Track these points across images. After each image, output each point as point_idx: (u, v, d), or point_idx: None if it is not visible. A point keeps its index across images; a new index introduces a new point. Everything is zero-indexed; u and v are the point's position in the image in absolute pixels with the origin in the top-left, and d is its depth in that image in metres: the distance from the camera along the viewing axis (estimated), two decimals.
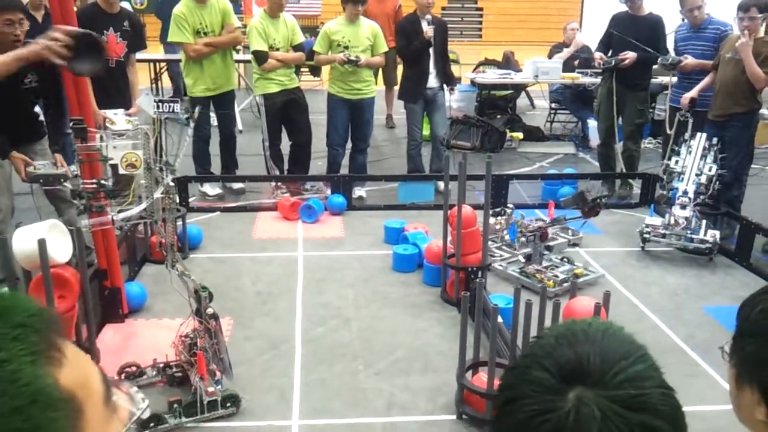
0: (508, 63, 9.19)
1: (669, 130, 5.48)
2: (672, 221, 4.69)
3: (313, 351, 3.53)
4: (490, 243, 4.64)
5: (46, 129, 4.00)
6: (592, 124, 7.19)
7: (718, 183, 4.84)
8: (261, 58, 5.65)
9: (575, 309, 3.03)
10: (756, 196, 5.70)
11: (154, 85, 9.43)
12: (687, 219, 4.65)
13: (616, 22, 5.93)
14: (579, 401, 0.69)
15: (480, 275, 3.82)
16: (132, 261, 4.35)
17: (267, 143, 5.91)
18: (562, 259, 4.59)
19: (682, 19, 5.55)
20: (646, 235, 4.78)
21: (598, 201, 4.55)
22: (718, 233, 4.67)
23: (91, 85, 3.77)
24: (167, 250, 2.97)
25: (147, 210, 2.94)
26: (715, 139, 4.88)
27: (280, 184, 5.94)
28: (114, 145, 2.95)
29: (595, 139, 6.94)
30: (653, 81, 6.73)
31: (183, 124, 3.10)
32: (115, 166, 2.95)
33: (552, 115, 8.97)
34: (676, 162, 4.93)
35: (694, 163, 4.83)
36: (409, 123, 6.18)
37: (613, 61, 5.72)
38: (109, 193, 3.00)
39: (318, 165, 6.38)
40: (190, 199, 5.66)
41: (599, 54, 5.93)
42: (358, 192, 5.96)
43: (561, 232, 5.04)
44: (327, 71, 6.04)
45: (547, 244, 4.57)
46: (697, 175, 4.79)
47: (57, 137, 4.00)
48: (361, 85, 5.85)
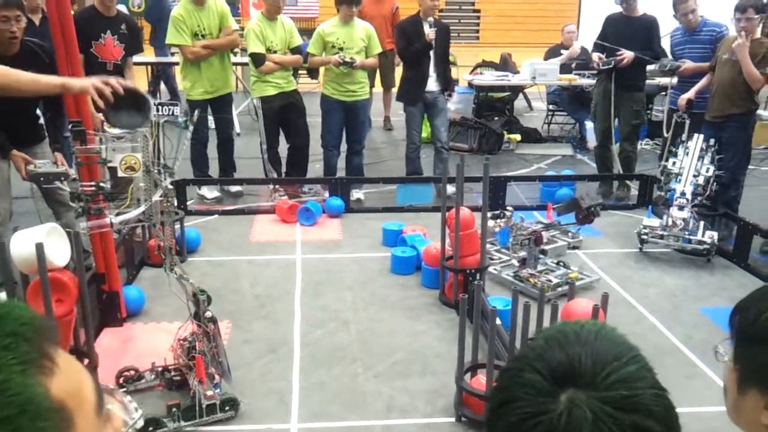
0: (506, 65, 9.21)
1: (666, 133, 5.48)
2: (670, 222, 4.69)
3: (311, 354, 3.53)
4: (490, 246, 4.64)
5: (46, 132, 3.99)
6: (590, 125, 7.20)
7: (715, 184, 4.85)
8: (258, 60, 5.65)
9: (573, 311, 3.03)
10: (753, 197, 5.71)
11: (152, 88, 9.43)
12: (685, 220, 4.65)
13: (611, 23, 5.94)
14: (571, 403, 0.69)
15: (478, 277, 3.82)
16: (130, 264, 4.35)
17: (265, 146, 5.92)
18: (558, 263, 4.53)
19: (678, 21, 5.55)
20: (644, 237, 4.79)
21: (593, 209, 4.55)
22: (715, 234, 4.67)
23: None
24: (165, 254, 2.96)
25: (145, 213, 2.94)
26: (712, 140, 4.89)
27: (278, 186, 5.95)
28: (113, 148, 2.94)
29: (592, 141, 6.94)
30: (651, 82, 6.74)
31: (182, 128, 3.10)
32: (113, 169, 2.95)
33: (549, 117, 8.98)
34: (674, 163, 4.94)
35: (692, 164, 4.84)
36: (408, 126, 6.17)
37: (612, 61, 5.73)
38: (107, 195, 2.99)
39: (316, 168, 6.38)
40: (188, 203, 5.67)
41: (597, 54, 5.93)
42: (356, 194, 5.96)
43: (561, 235, 4.97)
44: (322, 73, 6.03)
45: (541, 248, 4.52)
46: (694, 176, 4.80)
47: (57, 135, 3.98)
48: (355, 87, 5.85)
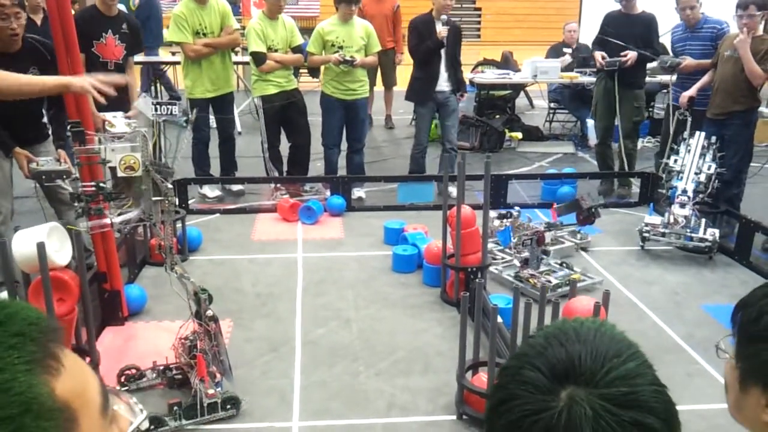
0: (507, 63, 9.20)
1: (671, 127, 5.45)
2: (671, 220, 4.68)
3: (313, 352, 3.53)
4: (493, 245, 4.63)
5: (49, 131, 3.98)
6: (591, 123, 7.19)
7: (717, 181, 4.84)
8: (259, 59, 5.65)
9: (575, 309, 3.02)
10: (755, 194, 5.70)
11: (152, 87, 9.43)
12: (686, 218, 4.65)
13: (610, 21, 5.92)
14: (571, 400, 0.69)
15: (480, 275, 3.82)
16: (131, 263, 4.35)
17: (266, 145, 5.92)
18: (561, 264, 4.49)
19: (679, 18, 5.53)
20: (646, 234, 4.78)
21: (593, 210, 4.54)
22: (717, 232, 4.66)
23: None
24: (167, 253, 2.96)
25: (146, 212, 2.94)
26: (714, 138, 4.88)
27: (279, 185, 5.95)
28: (112, 148, 2.94)
29: (593, 139, 6.93)
30: (652, 80, 6.72)
31: (181, 127, 3.10)
32: (113, 169, 2.95)
33: (551, 115, 8.97)
34: (675, 161, 4.93)
35: (693, 161, 4.83)
36: (417, 126, 6.16)
37: (617, 62, 5.69)
38: (107, 195, 2.99)
39: (317, 166, 6.38)
40: (190, 201, 5.67)
41: (600, 54, 5.86)
42: (358, 193, 5.96)
43: (569, 236, 4.92)
44: (322, 71, 6.03)
45: (543, 248, 4.47)
46: (696, 173, 4.79)
47: (61, 132, 3.96)
48: (355, 85, 5.84)
